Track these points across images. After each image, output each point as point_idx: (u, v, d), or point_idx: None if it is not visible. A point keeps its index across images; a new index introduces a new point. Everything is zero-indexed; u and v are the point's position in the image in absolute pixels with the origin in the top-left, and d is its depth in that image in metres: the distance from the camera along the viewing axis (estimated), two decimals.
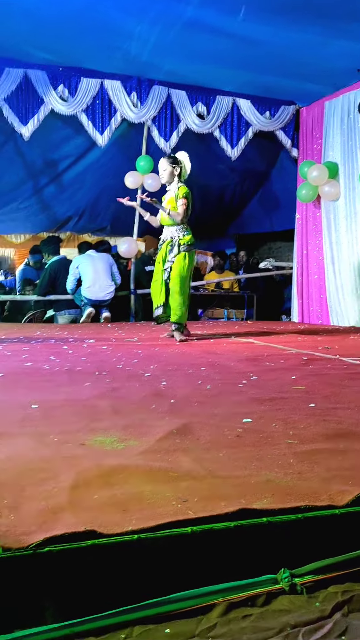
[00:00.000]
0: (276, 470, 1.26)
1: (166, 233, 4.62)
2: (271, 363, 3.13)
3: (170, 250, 4.55)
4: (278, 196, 8.51)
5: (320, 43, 5.32)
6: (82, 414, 1.82)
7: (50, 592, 0.91)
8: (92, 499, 1.08)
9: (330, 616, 0.92)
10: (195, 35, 5.26)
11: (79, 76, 6.24)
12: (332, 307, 6.71)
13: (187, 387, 2.34)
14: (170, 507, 1.05)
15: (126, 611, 0.89)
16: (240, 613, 0.92)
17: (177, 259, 4.50)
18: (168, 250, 4.55)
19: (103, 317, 6.76)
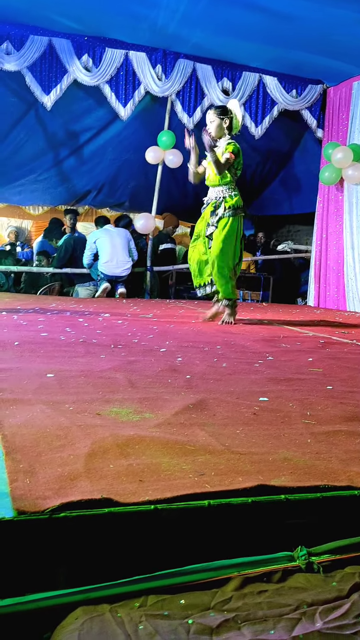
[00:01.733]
0: (294, 449, 1.24)
1: (211, 194, 4.13)
2: (287, 345, 3.10)
3: (213, 212, 4.04)
4: (300, 178, 8.37)
5: (355, 20, 5.16)
6: (97, 385, 1.81)
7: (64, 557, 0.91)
8: (109, 468, 1.07)
9: (348, 596, 0.90)
10: (225, 7, 5.13)
11: (104, 46, 6.14)
12: (349, 293, 6.64)
13: (202, 364, 2.32)
14: (187, 479, 1.03)
15: (141, 580, 0.89)
16: (256, 588, 0.91)
17: (220, 224, 3.99)
18: (211, 213, 4.06)
19: (118, 292, 6.75)
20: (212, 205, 4.05)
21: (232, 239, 4.00)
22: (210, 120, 4.07)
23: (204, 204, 4.19)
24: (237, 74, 6.57)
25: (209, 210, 4.06)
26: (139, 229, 7.18)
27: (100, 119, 6.98)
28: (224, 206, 4.00)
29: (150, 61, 6.31)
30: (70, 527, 0.88)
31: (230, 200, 4.01)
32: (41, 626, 0.82)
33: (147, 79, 6.32)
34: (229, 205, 4.00)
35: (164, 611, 0.83)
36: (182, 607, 0.85)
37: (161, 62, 6.34)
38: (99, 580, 0.89)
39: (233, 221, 3.99)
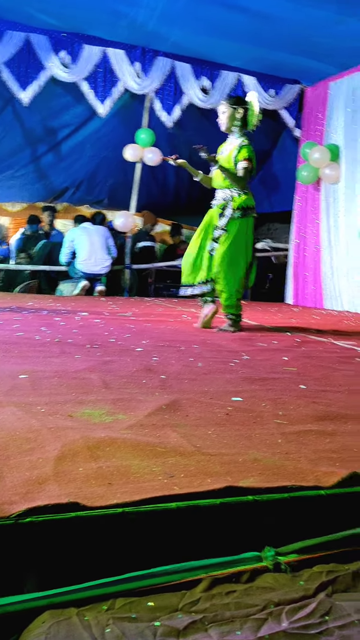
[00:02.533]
0: (264, 450, 1.25)
1: (218, 195, 3.75)
2: (264, 343, 3.12)
3: (221, 214, 3.68)
4: (278, 177, 8.43)
5: (334, 21, 5.21)
6: (71, 386, 1.80)
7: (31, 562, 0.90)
8: (78, 471, 1.06)
9: (314, 596, 0.91)
10: (204, 6, 5.13)
11: (82, 43, 6.10)
12: (326, 291, 6.70)
13: (178, 364, 2.33)
14: (157, 482, 1.04)
15: (109, 583, 0.89)
16: (224, 589, 0.92)
17: (228, 227, 3.62)
18: (218, 215, 3.70)
19: (97, 290, 6.72)
20: (220, 207, 3.69)
21: (242, 245, 3.65)
22: (222, 111, 3.73)
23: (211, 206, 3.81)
24: (216, 73, 6.59)
25: (217, 212, 3.71)
26: (118, 227, 7.16)
27: (79, 115, 6.95)
28: (232, 206, 3.64)
29: (129, 59, 6.29)
30: (37, 532, 0.88)
31: (238, 199, 3.64)
32: (8, 630, 0.82)
33: (126, 76, 6.30)
34: (237, 205, 3.63)
35: (132, 614, 0.83)
36: (150, 610, 0.85)
37: (140, 60, 6.32)
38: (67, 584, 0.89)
39: (242, 223, 3.64)
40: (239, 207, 3.64)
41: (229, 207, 3.66)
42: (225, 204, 3.68)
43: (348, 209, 6.38)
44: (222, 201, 3.71)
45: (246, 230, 3.68)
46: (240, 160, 3.62)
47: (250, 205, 3.69)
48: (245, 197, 3.67)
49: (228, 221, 3.64)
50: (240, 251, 3.66)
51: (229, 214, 3.64)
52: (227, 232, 3.64)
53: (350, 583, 0.93)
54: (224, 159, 3.69)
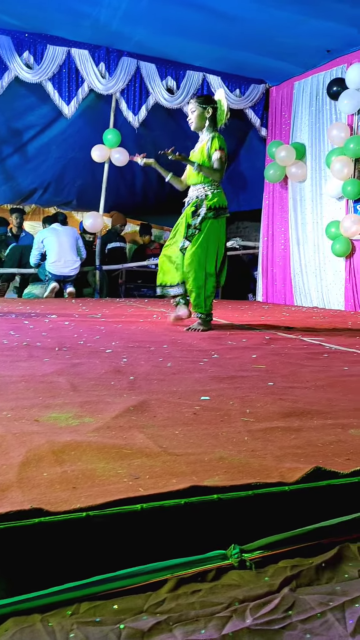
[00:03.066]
0: (230, 448, 1.26)
1: (191, 193, 3.75)
2: (233, 342, 3.14)
3: (194, 213, 3.67)
4: (246, 175, 8.48)
5: (296, 21, 5.27)
6: (38, 390, 1.79)
7: None
8: (42, 477, 1.06)
9: (279, 591, 0.92)
10: (167, 6, 5.14)
11: (45, 43, 6.05)
12: (296, 287, 6.78)
13: (147, 364, 2.33)
14: (122, 484, 1.04)
15: (73, 588, 0.88)
16: (190, 589, 0.92)
17: (202, 227, 3.62)
18: (192, 213, 3.68)
19: (67, 292, 6.68)
20: (193, 204, 3.68)
21: (214, 245, 3.64)
22: (192, 110, 3.74)
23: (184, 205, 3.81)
24: (181, 73, 6.60)
25: (190, 210, 3.69)
26: (88, 228, 7.13)
27: (44, 116, 6.88)
28: (205, 205, 3.64)
29: (94, 59, 6.26)
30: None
31: (211, 198, 3.64)
32: None
33: (91, 76, 6.26)
34: (210, 205, 3.63)
35: (96, 617, 0.83)
36: (114, 612, 0.85)
37: (104, 60, 6.30)
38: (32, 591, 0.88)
39: (214, 223, 3.64)
40: (212, 207, 3.64)
41: (202, 207, 3.65)
42: (199, 202, 3.67)
43: (315, 206, 6.46)
44: (195, 199, 3.69)
45: (219, 230, 3.68)
46: (214, 152, 3.61)
47: (223, 205, 3.70)
48: (217, 197, 3.67)
49: (201, 220, 3.64)
50: (211, 251, 3.65)
51: (202, 213, 3.64)
52: (200, 231, 3.63)
53: (314, 576, 0.94)
54: (196, 155, 3.71)
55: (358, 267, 5.91)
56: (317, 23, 5.31)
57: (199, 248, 3.62)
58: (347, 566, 0.96)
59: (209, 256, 3.65)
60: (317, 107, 6.39)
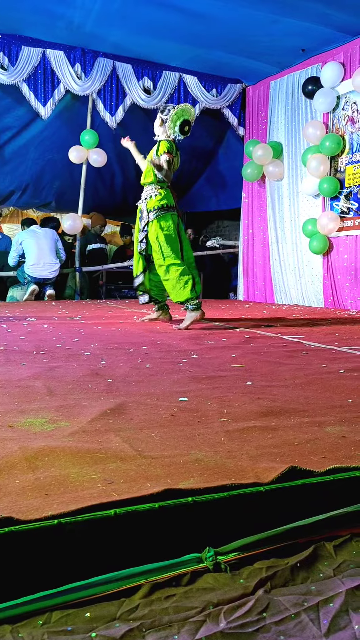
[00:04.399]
0: (206, 449, 1.25)
1: (143, 194, 3.96)
2: (213, 341, 3.14)
3: (141, 216, 3.89)
4: (225, 175, 8.50)
5: (270, 21, 5.29)
6: (14, 395, 1.76)
7: None
8: (14, 484, 1.04)
9: (253, 593, 0.92)
10: (141, 7, 5.13)
11: (20, 44, 6.00)
12: (276, 286, 6.81)
13: (126, 366, 2.31)
14: (95, 489, 1.02)
15: (45, 597, 0.87)
16: (164, 593, 0.91)
17: (149, 229, 3.82)
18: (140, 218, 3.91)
19: (47, 294, 6.63)
20: (139, 209, 3.90)
21: (166, 242, 3.74)
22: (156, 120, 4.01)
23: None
24: (157, 73, 6.59)
25: (139, 210, 3.93)
26: (67, 230, 7.08)
27: (20, 118, 6.81)
28: (146, 208, 3.83)
29: (69, 59, 6.21)
30: None
31: (152, 200, 3.80)
32: None
33: (67, 77, 6.22)
34: (151, 207, 3.80)
35: (68, 626, 0.82)
36: (87, 621, 0.84)
37: (80, 61, 6.26)
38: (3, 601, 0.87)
39: (159, 222, 3.76)
40: (152, 209, 3.79)
41: (144, 210, 3.84)
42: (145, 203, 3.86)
43: (292, 204, 6.50)
44: (142, 200, 3.89)
45: (168, 226, 3.78)
46: (161, 154, 3.80)
47: (165, 204, 3.81)
48: (161, 197, 3.80)
49: (145, 224, 3.84)
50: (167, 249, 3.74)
51: (145, 217, 3.83)
52: (150, 233, 3.82)
53: (289, 577, 0.94)
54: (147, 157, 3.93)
55: (335, 264, 5.95)
56: (291, 22, 5.33)
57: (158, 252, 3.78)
58: (323, 565, 0.96)
59: (167, 255, 3.74)
60: (293, 106, 6.43)
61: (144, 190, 3.92)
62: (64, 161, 6.99)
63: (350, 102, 5.74)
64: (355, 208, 5.73)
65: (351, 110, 5.74)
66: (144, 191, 3.92)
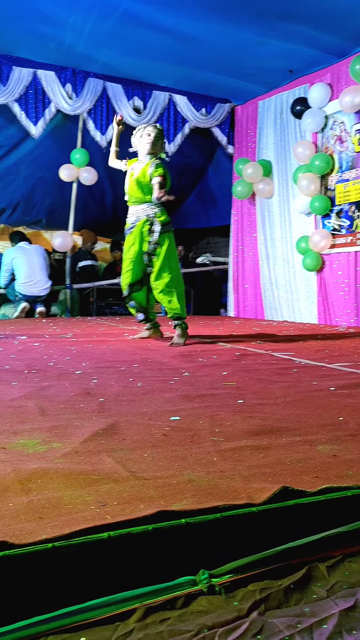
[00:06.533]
0: (199, 470, 1.26)
1: (137, 212, 3.99)
2: (204, 359, 3.15)
3: (150, 231, 3.91)
4: (215, 192, 8.59)
5: (257, 42, 5.39)
6: (5, 416, 1.76)
7: None
8: (7, 507, 1.04)
9: (247, 615, 0.92)
10: (131, 28, 5.21)
11: (11, 65, 6.06)
12: (266, 302, 6.85)
13: (117, 385, 2.32)
14: (89, 512, 1.02)
15: (39, 622, 0.86)
16: (159, 617, 0.91)
17: (160, 241, 3.90)
18: (147, 231, 3.92)
19: (38, 311, 6.62)
20: (145, 222, 3.92)
21: (175, 255, 3.99)
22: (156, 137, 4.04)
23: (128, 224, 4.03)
24: (147, 93, 6.68)
25: (146, 229, 3.92)
26: (57, 247, 7.10)
27: (12, 137, 6.87)
28: (158, 222, 3.91)
29: (60, 80, 6.29)
30: None
31: (161, 215, 3.94)
32: None
33: (58, 97, 6.29)
34: (162, 221, 3.92)
35: None
36: None
37: (71, 81, 6.33)
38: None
39: (170, 236, 3.95)
40: (164, 223, 3.94)
41: (156, 224, 3.92)
42: (151, 220, 3.92)
43: (283, 222, 6.56)
44: (145, 217, 3.93)
45: (173, 241, 4.01)
46: (156, 176, 3.89)
47: (170, 221, 4.02)
48: (166, 215, 3.99)
49: (159, 236, 3.91)
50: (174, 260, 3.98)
51: (158, 229, 3.90)
52: (160, 245, 3.90)
53: (283, 599, 0.94)
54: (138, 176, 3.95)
55: (328, 281, 6.00)
56: (278, 44, 5.44)
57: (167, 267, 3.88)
58: (316, 586, 0.97)
59: (176, 266, 3.97)
60: (282, 125, 6.52)
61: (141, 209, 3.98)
62: (54, 179, 7.04)
63: (338, 121, 5.84)
64: (346, 225, 5.80)
65: (339, 130, 5.84)
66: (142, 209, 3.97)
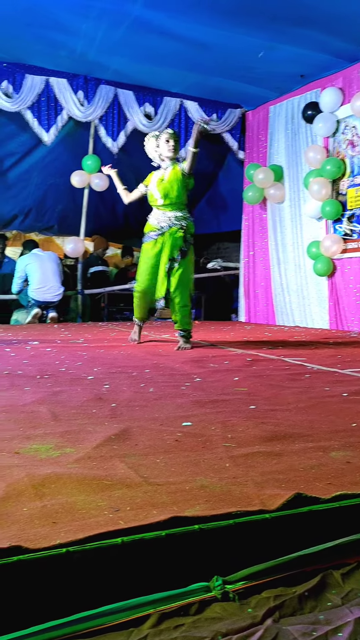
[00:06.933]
0: (211, 476, 1.26)
1: (169, 218, 3.98)
2: (215, 364, 3.14)
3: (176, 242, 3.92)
4: (225, 197, 8.59)
5: (267, 48, 5.40)
6: (19, 421, 1.77)
7: None
8: (22, 512, 1.04)
9: (262, 622, 0.92)
10: (142, 35, 5.24)
11: (24, 73, 6.12)
12: (277, 307, 6.83)
13: (129, 391, 2.32)
14: (102, 517, 1.03)
15: (54, 627, 0.87)
16: (172, 623, 0.91)
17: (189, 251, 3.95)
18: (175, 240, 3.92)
19: (49, 317, 6.65)
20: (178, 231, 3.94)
21: (193, 266, 4.08)
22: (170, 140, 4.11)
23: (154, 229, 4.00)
24: (158, 99, 6.71)
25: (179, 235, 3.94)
26: (69, 253, 7.14)
27: (24, 144, 6.92)
28: (188, 232, 3.98)
29: (72, 87, 6.34)
30: None
31: (191, 225, 4.01)
32: None
33: (69, 104, 6.33)
34: (191, 233, 3.99)
35: None
36: None
37: (83, 88, 6.38)
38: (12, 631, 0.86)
39: (192, 249, 4.02)
40: (192, 234, 4.02)
41: (187, 234, 3.99)
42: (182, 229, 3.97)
43: (294, 227, 6.55)
44: (176, 223, 3.97)
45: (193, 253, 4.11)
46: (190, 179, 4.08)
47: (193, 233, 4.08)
48: (192, 225, 4.07)
49: (189, 247, 4.00)
50: (191, 271, 4.08)
51: (190, 240, 3.99)
52: (187, 256, 3.99)
53: (297, 606, 0.94)
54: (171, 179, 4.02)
55: (340, 286, 5.98)
56: (289, 49, 5.44)
57: (186, 270, 3.96)
58: (331, 594, 0.96)
59: (192, 281, 4.06)
60: (293, 130, 6.52)
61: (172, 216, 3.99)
62: (66, 185, 7.09)
63: (350, 126, 5.83)
64: (358, 230, 5.78)
65: (351, 134, 5.83)
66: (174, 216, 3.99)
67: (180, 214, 3.99)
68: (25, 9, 4.81)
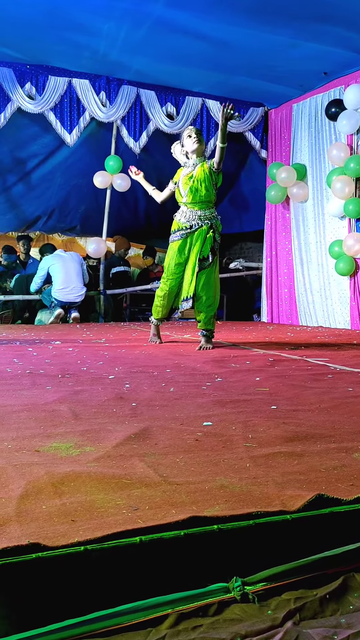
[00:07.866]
0: (231, 475, 1.24)
1: (199, 217, 3.94)
2: (237, 364, 3.12)
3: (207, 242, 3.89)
4: (247, 197, 8.55)
5: (290, 45, 5.36)
6: (40, 419, 1.78)
7: None
8: (41, 509, 1.04)
9: (282, 625, 0.90)
10: (164, 35, 5.24)
11: (47, 74, 6.17)
12: (300, 307, 6.77)
13: (150, 390, 2.32)
14: (121, 516, 1.02)
15: (72, 625, 0.86)
16: (191, 624, 0.90)
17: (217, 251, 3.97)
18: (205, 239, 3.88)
19: (72, 317, 6.70)
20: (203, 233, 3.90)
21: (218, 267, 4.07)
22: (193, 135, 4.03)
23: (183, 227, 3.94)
24: (180, 99, 6.71)
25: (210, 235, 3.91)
26: (91, 253, 7.19)
27: (47, 145, 6.99)
28: (217, 231, 3.97)
29: (94, 88, 6.37)
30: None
31: (219, 224, 3.99)
32: None
33: (92, 105, 6.37)
34: (220, 231, 4.03)
35: None
36: None
37: (105, 89, 6.41)
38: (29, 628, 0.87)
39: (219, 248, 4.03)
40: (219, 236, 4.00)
41: (217, 233, 3.97)
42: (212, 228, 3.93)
43: (317, 226, 6.49)
44: (206, 222, 3.92)
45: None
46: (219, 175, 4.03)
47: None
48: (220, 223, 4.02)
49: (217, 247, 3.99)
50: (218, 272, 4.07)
51: (218, 240, 3.97)
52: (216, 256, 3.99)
53: (318, 609, 0.92)
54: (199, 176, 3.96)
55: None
56: (312, 46, 5.39)
57: (215, 270, 3.97)
58: (352, 597, 0.94)
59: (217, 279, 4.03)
60: (317, 128, 6.46)
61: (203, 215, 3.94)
62: (89, 186, 7.13)
63: None
64: None
65: None
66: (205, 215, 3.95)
67: (210, 213, 3.96)
68: (47, 11, 4.85)
